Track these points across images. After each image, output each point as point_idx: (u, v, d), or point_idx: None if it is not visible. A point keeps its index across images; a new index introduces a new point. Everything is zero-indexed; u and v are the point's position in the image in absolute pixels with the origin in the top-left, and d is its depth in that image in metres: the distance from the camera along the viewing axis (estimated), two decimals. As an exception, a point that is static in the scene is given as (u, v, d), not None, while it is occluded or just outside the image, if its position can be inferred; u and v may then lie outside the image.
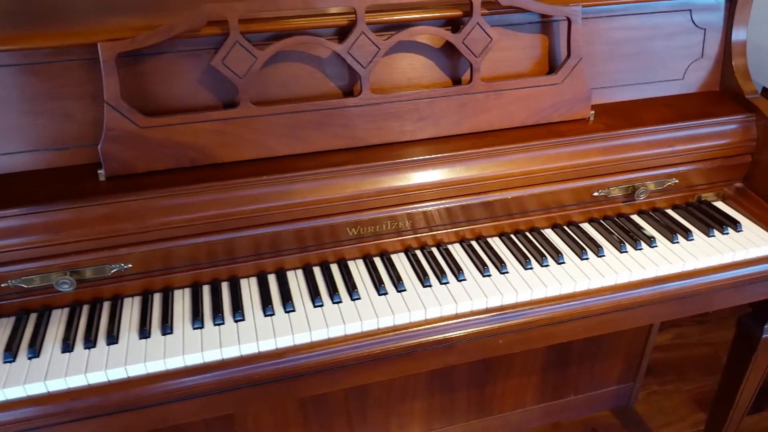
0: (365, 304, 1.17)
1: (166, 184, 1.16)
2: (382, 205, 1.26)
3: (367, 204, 1.24)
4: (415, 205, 1.27)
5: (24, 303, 1.15)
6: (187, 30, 1.11)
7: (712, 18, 1.45)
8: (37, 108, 1.15)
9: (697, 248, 1.32)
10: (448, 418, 1.90)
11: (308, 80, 1.26)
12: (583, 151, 1.34)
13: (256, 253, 1.23)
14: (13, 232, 1.09)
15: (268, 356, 1.10)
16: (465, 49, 1.26)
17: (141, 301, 1.18)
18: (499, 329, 1.20)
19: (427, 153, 1.27)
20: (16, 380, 1.02)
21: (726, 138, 1.41)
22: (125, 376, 1.05)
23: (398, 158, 1.25)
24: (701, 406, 2.16)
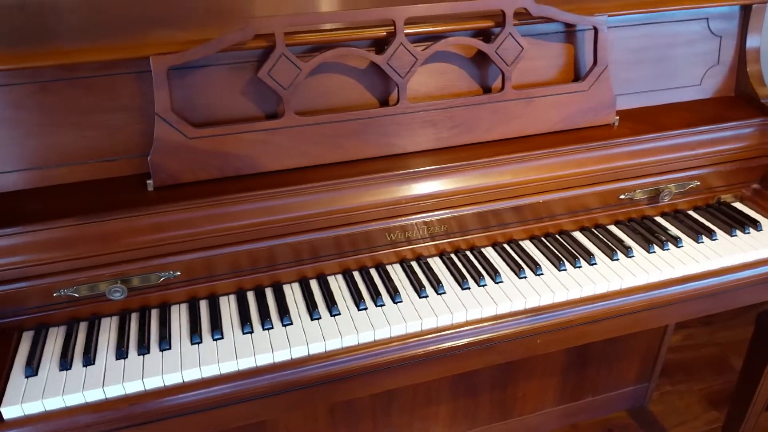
0: (407, 307, 1.20)
1: (212, 193, 1.19)
2: (418, 211, 1.29)
3: (404, 210, 1.28)
4: (449, 210, 1.31)
5: (73, 312, 1.17)
6: (236, 43, 1.15)
7: (728, 26, 1.51)
8: (86, 121, 1.18)
9: (722, 247, 1.37)
10: (471, 421, 1.93)
11: (346, 90, 1.30)
12: (610, 156, 1.38)
13: (297, 259, 1.26)
14: (66, 243, 1.11)
15: (318, 359, 1.13)
16: (497, 58, 1.30)
17: (188, 308, 1.21)
18: (537, 329, 1.23)
19: (462, 159, 1.30)
20: (75, 387, 1.04)
21: (744, 141, 1.46)
22: (180, 380, 1.07)
23: (435, 165, 1.28)
24: (713, 404, 2.20)
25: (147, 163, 1.22)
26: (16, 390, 1.03)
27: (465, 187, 1.30)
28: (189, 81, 1.20)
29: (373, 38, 1.26)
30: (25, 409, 1.01)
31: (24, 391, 1.03)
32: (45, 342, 1.13)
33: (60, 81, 1.15)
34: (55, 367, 1.08)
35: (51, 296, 1.13)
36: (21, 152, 1.16)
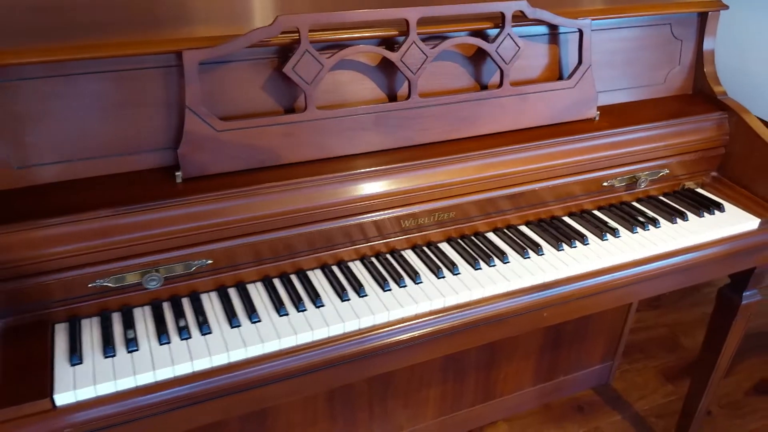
0: (429, 287, 1.29)
1: (240, 184, 1.23)
2: (429, 199, 1.38)
3: (419, 198, 1.36)
4: (457, 198, 1.40)
5: (104, 303, 1.19)
6: (263, 39, 1.20)
7: (687, 31, 1.69)
8: (114, 115, 1.20)
9: (694, 227, 1.53)
10: (458, 403, 2.03)
11: (358, 85, 1.37)
12: (594, 147, 1.52)
13: (318, 246, 1.32)
14: (103, 233, 1.13)
15: (353, 335, 1.19)
16: (497, 56, 1.41)
17: (218, 295, 1.25)
18: (543, 303, 1.35)
19: (466, 150, 1.40)
20: (126, 372, 1.06)
21: (705, 133, 1.64)
22: (227, 361, 1.11)
23: (443, 155, 1.38)
24: (669, 378, 2.40)
25: (172, 156, 1.26)
26: (65, 378, 1.05)
27: (470, 177, 1.40)
28: (214, 76, 1.24)
29: (385, 37, 1.34)
30: (78, 395, 1.03)
31: (74, 378, 1.05)
32: (81, 332, 1.14)
33: (90, 74, 1.16)
34: (100, 355, 1.09)
35: (86, 287, 1.15)
36: (52, 145, 1.17)
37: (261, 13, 1.45)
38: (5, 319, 1.12)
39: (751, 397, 2.33)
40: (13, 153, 1.15)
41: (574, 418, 2.21)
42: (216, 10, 1.41)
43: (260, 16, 1.43)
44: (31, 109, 1.14)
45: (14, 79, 1.11)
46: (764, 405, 2.30)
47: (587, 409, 2.25)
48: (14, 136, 1.14)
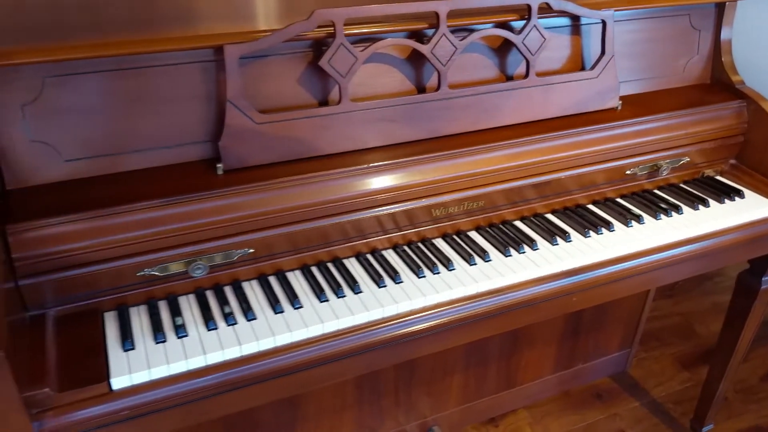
0: (462, 274, 1.32)
1: (278, 175, 1.27)
2: (459, 188, 1.41)
3: (449, 187, 1.40)
4: (486, 187, 1.44)
5: (151, 292, 1.23)
6: (300, 33, 1.24)
7: (705, 21, 1.72)
8: (156, 109, 1.24)
9: (716, 213, 1.56)
10: (480, 391, 2.07)
11: (389, 77, 1.41)
12: (617, 135, 1.55)
13: (353, 235, 1.35)
14: (150, 223, 1.17)
15: (391, 320, 1.23)
16: (524, 47, 1.45)
17: (259, 283, 1.28)
18: (573, 288, 1.38)
19: (494, 140, 1.44)
20: (177, 356, 1.10)
21: (724, 121, 1.67)
22: (273, 345, 1.15)
23: (471, 145, 1.41)
24: (684, 366, 2.44)
25: (211, 149, 1.30)
26: (120, 363, 1.08)
27: (498, 166, 1.43)
28: (251, 70, 1.28)
29: (414, 30, 1.38)
30: (134, 379, 1.06)
31: (129, 363, 1.08)
32: (130, 320, 1.18)
33: (132, 70, 1.20)
34: (151, 341, 1.13)
35: (135, 276, 1.18)
36: (96, 139, 1.21)
37: (278, 10, 1.48)
38: (57, 308, 1.16)
39: (765, 382, 2.37)
40: (61, 146, 1.18)
41: (593, 405, 2.25)
42: (231, 8, 1.45)
43: (280, 13, 1.45)
44: (79, 104, 1.18)
45: (64, 74, 1.15)
46: (779, 390, 2.34)
47: (606, 396, 2.28)
48: (63, 129, 1.18)
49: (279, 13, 1.39)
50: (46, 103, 1.15)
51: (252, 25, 1.32)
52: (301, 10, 1.32)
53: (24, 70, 1.12)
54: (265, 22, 1.34)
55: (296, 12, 1.37)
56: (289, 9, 1.40)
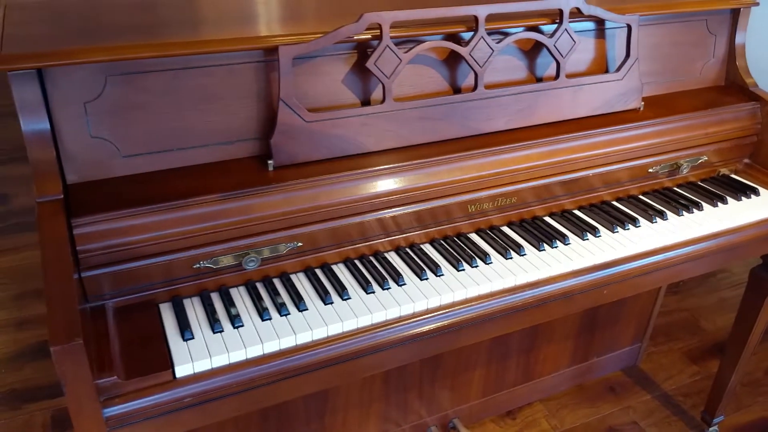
0: (500, 267, 1.38)
1: (327, 171, 1.31)
2: (494, 185, 1.46)
3: (486, 184, 1.45)
4: (519, 184, 1.49)
5: (203, 284, 1.27)
6: (350, 35, 1.29)
7: (721, 26, 1.79)
8: (208, 107, 1.28)
9: (734, 210, 1.63)
10: (500, 385, 2.12)
11: (427, 77, 1.46)
12: (642, 135, 1.61)
13: (394, 230, 1.40)
14: (208, 217, 1.21)
15: (434, 311, 1.28)
16: (555, 50, 1.50)
17: (305, 275, 1.33)
18: (604, 281, 1.44)
19: (527, 139, 1.49)
20: (236, 345, 1.14)
21: (740, 122, 1.74)
22: (326, 335, 1.20)
23: (506, 143, 1.47)
24: (693, 359, 2.51)
25: (258, 146, 1.34)
26: (182, 351, 1.12)
27: (531, 164, 1.49)
28: (300, 70, 1.32)
29: (452, 33, 1.43)
30: (196, 367, 1.10)
31: (190, 352, 1.12)
32: (185, 311, 1.22)
33: (188, 70, 1.24)
34: (209, 331, 1.17)
35: (191, 268, 1.23)
36: (153, 136, 1.24)
37: (318, 13, 1.53)
38: (115, 299, 1.20)
39: (771, 376, 2.45)
40: (120, 143, 1.22)
41: (606, 398, 2.31)
42: (273, 11, 1.49)
43: (319, 15, 1.51)
44: (137, 102, 1.22)
45: (125, 74, 1.19)
46: (784, 383, 2.42)
47: (618, 390, 2.35)
48: (122, 126, 1.22)
49: (318, 16, 1.43)
50: (107, 100, 1.19)
51: (296, 28, 1.37)
52: (350, 11, 1.36)
53: (89, 69, 1.16)
54: (303, 25, 1.38)
55: (338, 14, 1.42)
56: (331, 12, 1.45)
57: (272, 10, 1.53)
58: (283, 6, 1.56)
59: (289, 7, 1.54)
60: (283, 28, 1.31)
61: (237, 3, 1.51)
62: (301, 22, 1.35)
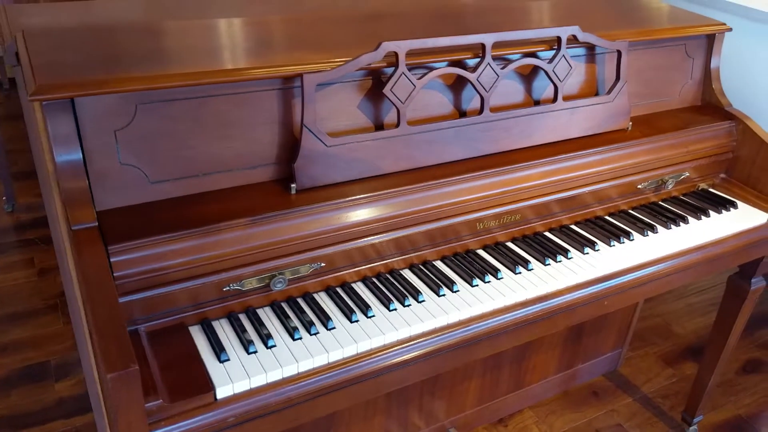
0: (510, 281, 1.45)
1: (345, 194, 1.36)
2: (503, 202, 1.53)
3: (492, 202, 1.52)
4: (522, 202, 1.56)
5: (230, 306, 1.30)
6: (369, 63, 1.34)
7: (698, 50, 1.91)
8: (231, 133, 1.31)
9: (717, 223, 1.74)
10: (492, 394, 2.20)
11: (435, 101, 1.52)
12: (632, 153, 1.72)
13: (412, 247, 1.46)
14: (238, 240, 1.24)
15: (454, 326, 1.34)
16: (554, 75, 1.59)
17: (327, 294, 1.37)
18: (605, 293, 1.53)
19: (529, 159, 1.57)
20: (272, 365, 1.17)
21: (719, 139, 1.87)
22: (355, 352, 1.24)
23: (511, 164, 1.54)
24: (668, 362, 2.64)
25: (279, 170, 1.38)
26: (219, 373, 1.15)
27: (534, 183, 1.57)
28: (318, 96, 1.37)
29: (460, 59, 1.50)
30: (236, 388, 1.13)
31: (228, 373, 1.15)
32: (217, 333, 1.24)
33: (213, 97, 1.27)
34: (243, 352, 1.20)
35: (221, 291, 1.25)
36: (178, 162, 1.27)
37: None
38: (146, 324, 1.22)
39: (741, 376, 2.59)
40: (148, 169, 1.24)
41: (590, 403, 2.41)
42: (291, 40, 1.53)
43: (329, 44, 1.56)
44: (165, 129, 1.24)
45: (155, 102, 1.21)
46: (753, 382, 2.56)
47: (601, 394, 2.45)
48: (150, 153, 1.24)
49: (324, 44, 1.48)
50: (137, 128, 1.21)
51: (315, 56, 1.41)
52: (358, 38, 1.42)
53: (121, 98, 1.18)
54: (319, 53, 1.42)
55: (343, 42, 1.47)
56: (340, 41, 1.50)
57: (278, 37, 1.57)
58: (292, 34, 1.60)
59: (298, 35, 1.58)
60: (303, 55, 1.35)
61: (231, 32, 1.54)
62: (316, 50, 1.39)
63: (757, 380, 2.58)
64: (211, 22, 1.59)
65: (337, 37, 1.53)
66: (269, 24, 1.60)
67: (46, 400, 2.29)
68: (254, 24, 1.59)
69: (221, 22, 1.59)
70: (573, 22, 1.66)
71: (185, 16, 1.66)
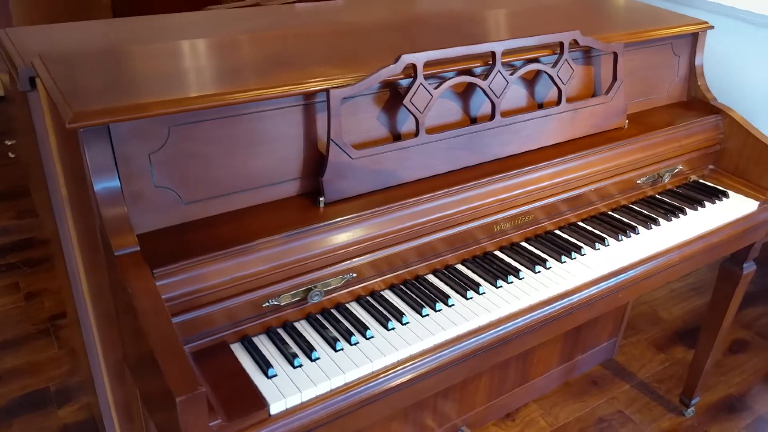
0: (531, 281, 1.50)
1: (370, 205, 1.38)
2: (516, 205, 1.58)
3: (509, 204, 1.57)
4: (534, 203, 1.61)
5: (267, 322, 1.31)
6: (390, 75, 1.37)
7: (683, 48, 2.00)
8: (258, 150, 1.33)
9: (713, 212, 1.83)
10: (500, 390, 2.25)
11: (447, 109, 1.56)
12: (632, 150, 1.78)
13: (433, 253, 1.49)
14: (275, 257, 1.25)
15: (478, 331, 1.38)
16: (558, 79, 1.65)
17: (359, 304, 1.40)
18: (619, 286, 1.59)
19: (538, 161, 1.62)
20: (319, 378, 1.19)
21: (708, 132, 1.96)
22: (397, 358, 1.27)
23: (522, 166, 1.59)
24: (659, 348, 2.73)
25: (304, 184, 1.40)
26: (270, 389, 1.17)
27: (545, 183, 1.62)
28: (342, 110, 1.39)
29: (471, 67, 1.54)
30: (288, 402, 1.15)
31: (279, 388, 1.17)
32: (260, 349, 1.26)
33: (237, 116, 1.28)
34: (288, 366, 1.22)
35: (261, 307, 1.27)
36: (209, 181, 1.28)
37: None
38: (190, 344, 1.22)
39: (728, 357, 2.71)
40: (181, 190, 1.25)
41: (591, 392, 2.49)
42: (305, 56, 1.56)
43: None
44: (196, 149, 1.25)
45: (186, 123, 1.22)
46: (740, 362, 2.68)
47: (600, 383, 2.53)
48: (183, 174, 1.24)
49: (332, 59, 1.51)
50: (169, 150, 1.22)
51: (334, 70, 1.43)
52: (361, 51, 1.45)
53: (154, 121, 1.18)
54: (337, 67, 1.45)
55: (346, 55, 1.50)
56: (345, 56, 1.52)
57: (287, 54, 1.58)
58: (297, 50, 1.61)
59: (305, 51, 1.60)
60: (325, 70, 1.37)
61: (237, 50, 1.56)
62: (332, 65, 1.42)
63: (744, 359, 2.70)
64: (208, 41, 1.58)
65: (345, 51, 1.55)
66: (276, 41, 1.61)
67: (50, 428, 2.25)
68: (260, 41, 1.60)
69: (221, 41, 1.59)
70: (569, 27, 1.72)
71: (185, 36, 1.66)
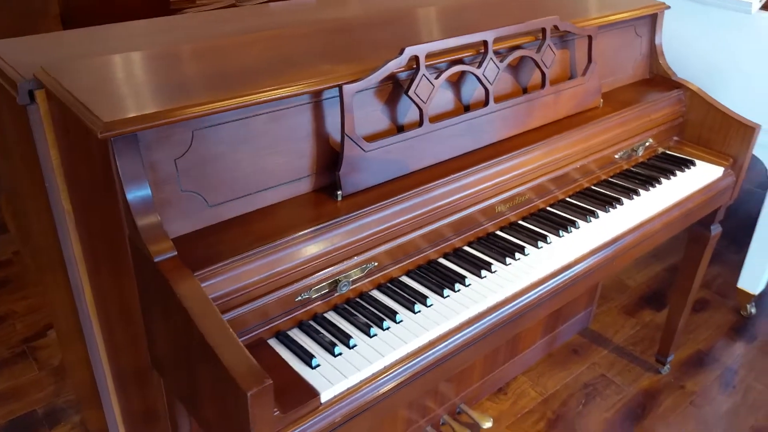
0: (536, 256, 1.58)
1: (385, 195, 1.43)
2: (513, 185, 1.66)
3: (507, 186, 1.64)
4: (528, 183, 1.70)
5: (297, 316, 1.34)
6: (396, 68, 1.42)
7: (644, 29, 2.13)
8: (278, 149, 1.35)
9: (685, 180, 1.96)
10: (493, 366, 2.34)
11: (445, 98, 1.62)
12: (609, 127, 1.89)
13: (442, 238, 1.55)
14: (304, 252, 1.29)
15: (500, 305, 1.45)
16: (542, 63, 1.73)
17: (380, 291, 1.44)
18: (613, 254, 1.69)
19: (527, 143, 1.70)
20: (362, 363, 1.24)
21: (674, 107, 2.09)
22: (428, 339, 1.33)
23: (513, 150, 1.67)
24: (629, 313, 2.90)
25: (319, 179, 1.43)
26: (317, 378, 1.20)
27: (537, 164, 1.70)
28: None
29: (465, 56, 1.60)
30: (336, 389, 1.19)
31: (325, 377, 1.20)
32: (298, 342, 1.29)
33: (254, 117, 1.30)
34: (329, 356, 1.25)
35: (293, 302, 1.30)
36: (231, 183, 1.29)
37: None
38: (228, 343, 1.24)
39: (693, 315, 2.89)
40: (206, 193, 1.26)
41: (573, 359, 2.62)
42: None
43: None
44: (218, 152, 1.26)
45: (208, 126, 1.23)
46: (704, 319, 2.87)
47: (581, 351, 2.66)
48: (207, 177, 1.26)
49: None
50: (194, 155, 1.23)
51: (341, 66, 1.46)
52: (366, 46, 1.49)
53: (179, 127, 1.19)
54: (342, 64, 1.48)
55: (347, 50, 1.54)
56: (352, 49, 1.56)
57: (290, 53, 1.61)
58: (299, 48, 1.64)
59: (307, 49, 1.63)
60: (332, 67, 1.41)
61: (235, 53, 1.57)
62: (337, 61, 1.45)
63: (706, 317, 2.89)
64: (206, 45, 1.59)
65: (341, 48, 1.59)
66: (274, 41, 1.63)
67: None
68: (258, 42, 1.61)
69: (220, 44, 1.60)
70: (535, 15, 1.80)
71: (177, 41, 1.65)
